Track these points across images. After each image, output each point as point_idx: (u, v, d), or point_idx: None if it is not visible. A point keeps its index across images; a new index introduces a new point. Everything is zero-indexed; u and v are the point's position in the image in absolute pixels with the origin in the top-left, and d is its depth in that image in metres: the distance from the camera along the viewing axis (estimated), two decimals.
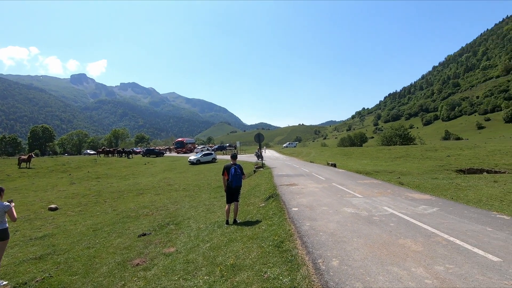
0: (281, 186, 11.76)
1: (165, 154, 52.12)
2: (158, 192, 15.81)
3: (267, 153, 51.04)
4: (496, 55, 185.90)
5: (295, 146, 79.99)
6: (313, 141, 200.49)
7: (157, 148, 62.91)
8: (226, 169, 7.28)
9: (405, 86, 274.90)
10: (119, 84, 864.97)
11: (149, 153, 47.06)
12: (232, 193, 7.31)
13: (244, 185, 14.73)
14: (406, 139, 53.64)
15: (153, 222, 9.33)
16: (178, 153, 56.63)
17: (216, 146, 66.60)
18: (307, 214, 6.83)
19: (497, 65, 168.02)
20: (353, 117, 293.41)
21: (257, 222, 6.94)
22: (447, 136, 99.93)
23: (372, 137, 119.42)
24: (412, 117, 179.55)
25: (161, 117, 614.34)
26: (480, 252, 4.09)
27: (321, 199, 8.69)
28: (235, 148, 59.34)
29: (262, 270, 4.04)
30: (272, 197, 9.56)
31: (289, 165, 23.66)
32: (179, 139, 64.30)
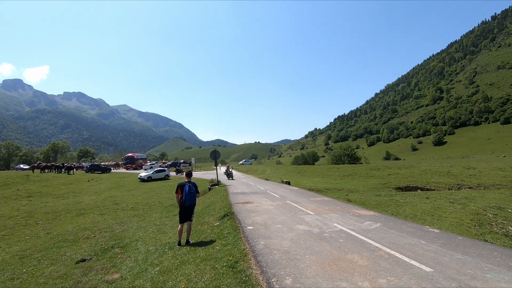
0: (237, 204, 11.67)
1: (112, 170, 48.40)
2: (102, 212, 14.49)
3: (223, 170, 50.53)
4: (425, 87, 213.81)
5: (251, 164, 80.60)
6: (268, 159, 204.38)
7: (103, 163, 58.22)
8: (180, 187, 7.04)
9: (352, 109, 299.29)
10: (62, 93, 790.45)
11: (93, 169, 43.22)
12: (186, 212, 7.05)
13: (199, 203, 14.29)
14: (353, 159, 57.67)
15: (94, 245, 8.47)
16: (127, 169, 53.07)
17: (169, 163, 64.00)
18: (261, 233, 6.85)
19: (426, 95, 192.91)
20: (306, 136, 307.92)
21: (211, 242, 6.74)
22: (387, 156, 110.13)
23: (324, 156, 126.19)
24: (358, 138, 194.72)
25: (109, 130, 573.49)
26: (416, 264, 4.50)
27: (276, 217, 8.81)
28: (190, 165, 57.70)
29: None
30: (227, 215, 9.43)
31: (245, 183, 23.67)
32: (129, 154, 60.55)
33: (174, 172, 35.91)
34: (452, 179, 22.59)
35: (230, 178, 26.80)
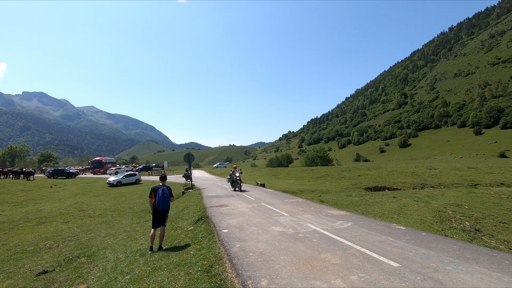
0: (211, 207, 11.52)
1: (78, 175, 45.72)
2: (66, 220, 13.61)
3: (197, 173, 49.73)
4: (391, 92, 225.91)
5: (225, 167, 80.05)
6: (243, 162, 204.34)
7: (67, 168, 54.79)
8: (154, 191, 6.83)
9: (324, 113, 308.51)
10: (21, 93, 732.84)
11: (57, 173, 40.50)
12: (159, 217, 6.82)
13: (172, 207, 13.91)
14: (326, 161, 59.38)
15: (58, 255, 7.93)
16: (94, 174, 50.41)
17: (141, 166, 61.74)
18: (237, 235, 6.81)
19: (392, 100, 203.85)
20: (280, 139, 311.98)
21: (185, 247, 6.58)
22: (358, 158, 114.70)
23: (297, 158, 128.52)
24: (330, 140, 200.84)
25: (75, 133, 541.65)
26: (385, 260, 4.72)
27: (251, 219, 8.81)
28: (163, 169, 56.10)
29: None
30: (202, 219, 9.27)
31: (220, 186, 23.44)
32: (97, 158, 57.57)
33: (184, 178, 31.02)
34: (416, 179, 23.98)
35: (237, 189, 18.41)
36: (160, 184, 6.99)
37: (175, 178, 36.69)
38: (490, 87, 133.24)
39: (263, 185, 22.46)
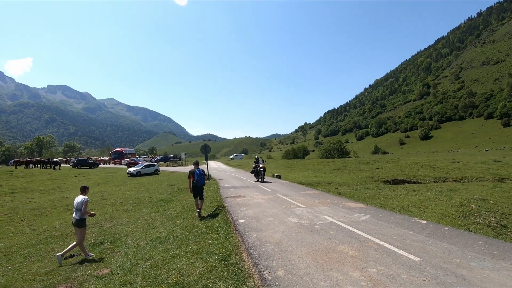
0: (228, 198, 11.67)
1: (100, 166, 47.55)
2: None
3: (214, 165, 50.41)
4: (413, 82, 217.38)
5: (241, 158, 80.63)
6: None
7: (90, 158, 57.04)
8: (192, 173, 9.21)
9: (342, 104, 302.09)
10: (46, 86, 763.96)
11: (80, 164, 42.29)
12: (199, 191, 9.19)
13: (189, 197, 14.23)
14: (343, 153, 58.44)
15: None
16: (115, 164, 52.24)
17: (159, 157, 63.31)
18: (253, 226, 6.87)
19: (414, 90, 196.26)
20: (296, 131, 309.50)
21: (202, 235, 6.72)
22: (376, 151, 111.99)
23: (313, 150, 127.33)
24: (347, 132, 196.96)
25: (96, 124, 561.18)
26: (404, 253, 4.62)
27: (267, 210, 8.85)
28: (180, 160, 57.27)
29: (208, 286, 3.90)
30: (219, 209, 9.42)
31: (236, 177, 23.66)
32: (117, 149, 59.54)
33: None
34: (437, 172, 23.17)
35: (260, 179, 18.69)
36: (194, 167, 9.43)
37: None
38: None
39: (279, 177, 22.45)
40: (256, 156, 20.25)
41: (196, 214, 9.15)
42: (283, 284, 3.64)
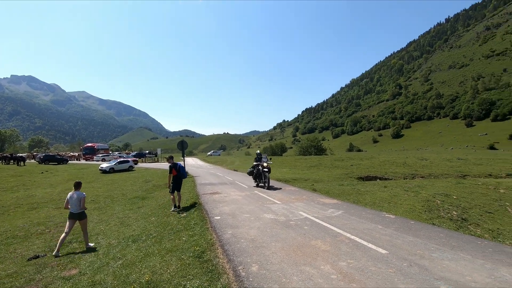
0: (204, 195, 11.57)
1: (70, 162, 45.26)
2: (58, 206, 13.52)
3: (191, 161, 49.71)
4: (386, 82, 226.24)
5: (219, 155, 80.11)
6: (237, 150, 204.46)
7: (59, 154, 54.09)
8: (174, 167, 9.60)
9: (319, 102, 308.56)
10: (9, 76, 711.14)
11: (48, 159, 39.97)
12: (179, 184, 9.60)
13: (165, 194, 13.94)
14: (319, 150, 59.76)
15: (50, 241, 7.91)
16: (87, 160, 49.96)
17: (134, 153, 61.32)
18: (229, 222, 6.87)
19: (387, 91, 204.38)
20: (274, 128, 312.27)
21: (177, 233, 6.63)
22: (351, 148, 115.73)
23: (291, 147, 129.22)
24: (324, 130, 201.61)
25: (66, 118, 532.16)
26: (373, 247, 4.83)
27: (244, 206, 8.88)
28: (156, 156, 55.86)
29: (181, 284, 3.86)
30: (194, 206, 9.32)
31: (213, 174, 23.49)
32: (89, 144, 56.96)
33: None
34: (407, 169, 24.37)
35: (265, 184, 13.18)
36: (171, 162, 9.63)
37: (167, 165, 36.58)
38: (483, 80, 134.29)
39: None
40: (258, 152, 15.15)
41: (172, 210, 9.23)
42: (256, 280, 3.69)
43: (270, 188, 12.83)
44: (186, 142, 20.67)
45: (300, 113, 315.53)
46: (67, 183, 21.62)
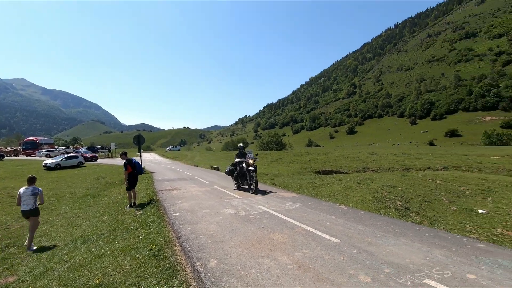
0: (162, 191, 11.18)
1: (6, 158, 40.42)
2: None
3: (149, 156, 47.59)
4: (342, 81, 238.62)
5: (179, 150, 77.84)
6: (198, 145, 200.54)
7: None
8: (129, 163, 9.21)
9: (280, 99, 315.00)
10: None
11: None
12: (136, 180, 9.37)
13: (119, 192, 13.18)
14: (280, 145, 61.19)
15: None
16: (27, 156, 45.07)
17: (84, 148, 56.79)
18: (188, 218, 6.75)
19: (343, 89, 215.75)
20: (236, 123, 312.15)
21: (132, 231, 6.32)
22: (309, 143, 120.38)
23: (253, 142, 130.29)
24: (285, 126, 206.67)
25: (1, 109, 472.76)
26: (327, 237, 5.11)
27: (203, 202, 8.77)
28: (109, 151, 52.48)
29: (136, 284, 3.71)
30: (151, 203, 8.97)
31: (172, 169, 22.78)
32: (30, 138, 51.41)
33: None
34: (359, 163, 26.09)
35: (248, 187, 10.78)
36: (125, 158, 9.29)
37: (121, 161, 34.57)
38: (425, 82, 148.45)
39: (217, 169, 22.41)
40: (241, 145, 11.84)
41: (127, 208, 8.96)
42: (214, 275, 3.69)
43: (257, 192, 10.11)
44: (143, 137, 19.73)
45: (261, 109, 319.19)
46: (3, 181, 19.32)
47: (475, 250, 4.43)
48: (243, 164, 10.84)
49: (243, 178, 11.05)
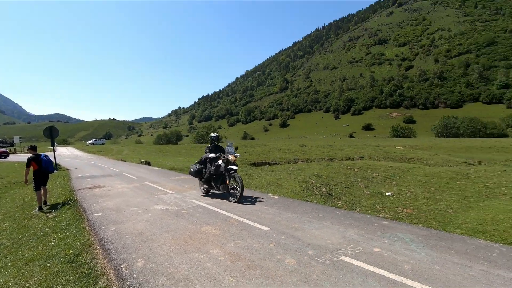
0: (82, 190, 9.99)
1: None
2: None
3: (65, 151, 41.91)
4: (276, 76, 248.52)
5: (103, 143, 70.65)
6: (126, 138, 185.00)
7: None
8: (34, 160, 7.89)
9: (216, 91, 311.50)
10: None
11: None
12: (45, 179, 8.16)
13: (27, 193, 11.31)
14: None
15: None
16: None
17: None
18: (112, 218, 6.19)
19: (276, 84, 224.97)
20: (169, 115, 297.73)
21: (42, 237, 5.50)
22: (245, 136, 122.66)
23: (187, 135, 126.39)
24: (220, 118, 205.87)
25: None
26: (258, 226, 5.31)
27: (131, 199, 8.16)
28: (12, 146, 44.49)
29: None
30: (68, 204, 7.94)
31: (95, 165, 20.53)
32: None
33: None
34: (291, 155, 27.75)
35: (229, 194, 7.76)
36: (33, 153, 8.01)
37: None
38: (347, 81, 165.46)
39: (148, 163, 21.09)
40: (214, 135, 8.89)
41: (36, 211, 7.72)
42: (141, 275, 3.48)
43: (241, 201, 7.33)
44: (56, 129, 17.26)
45: (196, 101, 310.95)
46: None
47: (381, 227, 5.18)
48: (220, 161, 7.84)
49: (218, 181, 7.99)
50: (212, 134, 8.95)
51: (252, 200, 7.59)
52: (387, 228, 5.13)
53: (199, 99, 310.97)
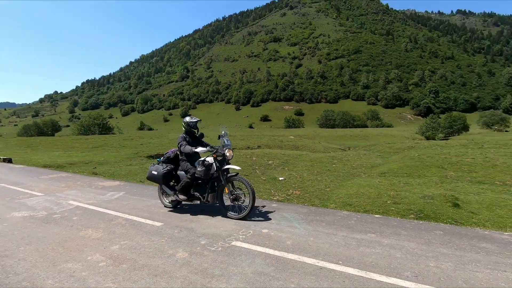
0: None
1: None
2: None
3: None
4: (175, 64, 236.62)
5: None
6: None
7: None
8: None
9: (105, 75, 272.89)
10: None
11: None
12: None
13: None
14: (106, 129, 53.65)
15: None
16: None
17: None
18: None
19: (176, 72, 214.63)
20: (41, 101, 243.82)
21: None
22: (142, 127, 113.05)
23: (68, 126, 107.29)
24: (111, 107, 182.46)
25: None
26: (150, 222, 4.96)
27: None
28: None
29: None
30: None
31: None
32: None
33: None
34: None
35: (236, 204, 5.21)
36: None
37: None
38: (246, 74, 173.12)
39: (9, 161, 16.75)
40: (193, 120, 6.16)
41: None
42: None
43: (250, 216, 5.13)
44: None
45: (79, 85, 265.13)
46: None
47: (270, 209, 5.66)
48: (210, 159, 5.44)
49: (207, 188, 5.38)
50: (188, 119, 6.10)
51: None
52: (276, 210, 5.64)
53: (83, 83, 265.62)
